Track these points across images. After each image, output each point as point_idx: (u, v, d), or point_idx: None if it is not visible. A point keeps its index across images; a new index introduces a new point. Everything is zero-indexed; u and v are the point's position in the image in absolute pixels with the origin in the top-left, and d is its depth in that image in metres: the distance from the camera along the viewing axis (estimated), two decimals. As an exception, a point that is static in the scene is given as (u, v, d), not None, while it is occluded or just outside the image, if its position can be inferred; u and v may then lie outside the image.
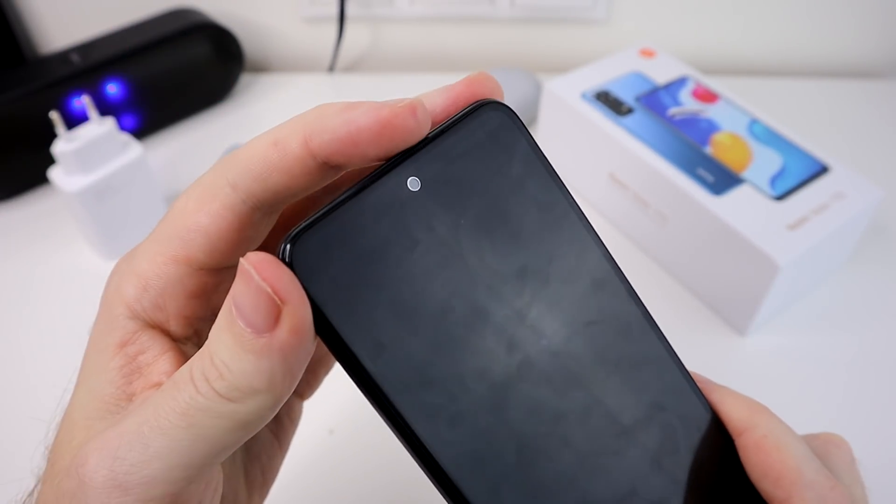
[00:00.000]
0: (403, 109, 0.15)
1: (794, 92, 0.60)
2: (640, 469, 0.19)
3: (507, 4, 0.59)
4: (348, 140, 0.15)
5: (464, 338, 0.16)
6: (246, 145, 0.17)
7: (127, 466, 0.14)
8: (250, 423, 0.15)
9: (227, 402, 0.14)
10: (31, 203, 0.49)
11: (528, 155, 0.18)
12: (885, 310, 0.43)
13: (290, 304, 0.14)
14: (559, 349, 0.18)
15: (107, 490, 0.14)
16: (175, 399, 0.15)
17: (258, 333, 0.14)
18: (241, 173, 0.16)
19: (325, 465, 0.35)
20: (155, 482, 0.14)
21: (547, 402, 0.17)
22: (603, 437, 0.18)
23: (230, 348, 0.14)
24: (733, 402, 0.20)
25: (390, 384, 0.15)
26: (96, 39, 0.51)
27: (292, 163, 0.16)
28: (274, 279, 0.14)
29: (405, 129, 0.15)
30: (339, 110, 0.16)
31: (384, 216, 0.15)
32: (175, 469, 0.14)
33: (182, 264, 0.17)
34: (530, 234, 0.17)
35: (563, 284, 0.18)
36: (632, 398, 0.19)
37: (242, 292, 0.14)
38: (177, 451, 0.14)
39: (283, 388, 0.15)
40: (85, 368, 0.18)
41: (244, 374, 0.14)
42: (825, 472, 0.18)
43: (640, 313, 0.19)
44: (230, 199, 0.16)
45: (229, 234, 0.17)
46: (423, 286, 0.16)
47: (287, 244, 0.15)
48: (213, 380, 0.14)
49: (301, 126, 0.16)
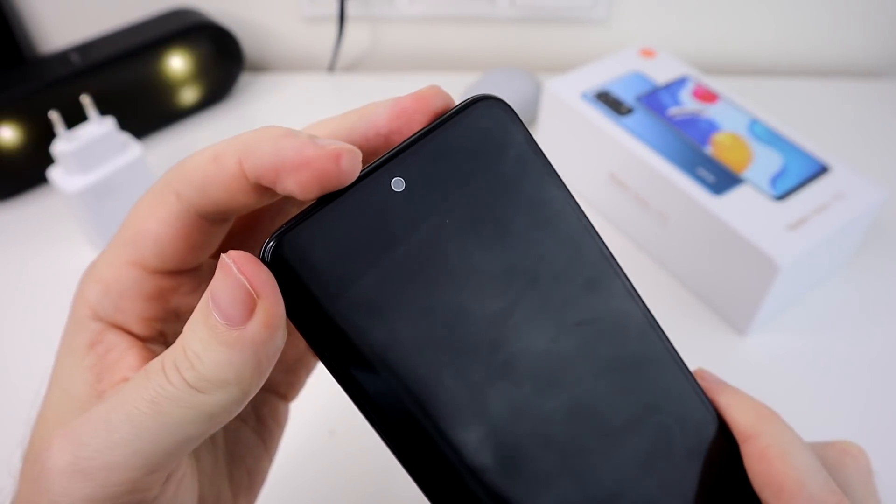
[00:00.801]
0: (328, 154, 0.15)
1: (794, 92, 0.60)
2: (631, 471, 0.18)
3: (507, 4, 0.59)
4: (272, 168, 0.15)
5: (445, 337, 0.16)
6: (192, 156, 0.17)
7: (90, 452, 0.15)
8: (216, 414, 0.15)
9: (195, 393, 0.15)
10: (31, 203, 0.49)
11: (524, 151, 0.17)
12: (886, 310, 0.43)
13: (264, 299, 0.14)
14: (548, 348, 0.17)
15: (67, 475, 0.15)
16: (145, 388, 0.15)
17: (232, 325, 0.14)
18: (184, 183, 0.17)
19: (325, 465, 0.35)
20: (117, 468, 0.15)
21: (534, 402, 0.17)
22: (594, 438, 0.18)
23: (203, 340, 0.15)
24: (741, 406, 0.19)
25: (369, 383, 0.15)
26: (96, 39, 0.51)
27: (229, 179, 0.16)
28: (251, 274, 0.14)
29: (325, 172, 0.15)
30: (275, 136, 0.16)
31: (367, 217, 0.16)
32: (138, 456, 0.15)
33: (137, 268, 0.18)
34: (524, 231, 0.17)
35: (557, 282, 0.17)
36: (627, 398, 0.18)
37: (220, 285, 0.15)
38: (141, 438, 0.15)
39: (251, 382, 0.15)
40: (57, 370, 0.18)
41: (215, 365, 0.15)
42: (831, 486, 0.18)
43: (640, 312, 0.19)
44: (175, 208, 0.17)
45: (177, 240, 0.17)
46: (404, 287, 0.16)
47: (270, 243, 0.15)
48: (184, 370, 0.15)
49: (240, 145, 0.16)
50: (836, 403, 0.38)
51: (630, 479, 0.18)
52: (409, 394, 0.16)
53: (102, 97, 0.47)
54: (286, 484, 0.34)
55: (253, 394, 0.15)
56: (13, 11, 0.58)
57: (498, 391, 0.17)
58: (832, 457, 0.19)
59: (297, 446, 0.36)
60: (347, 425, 0.37)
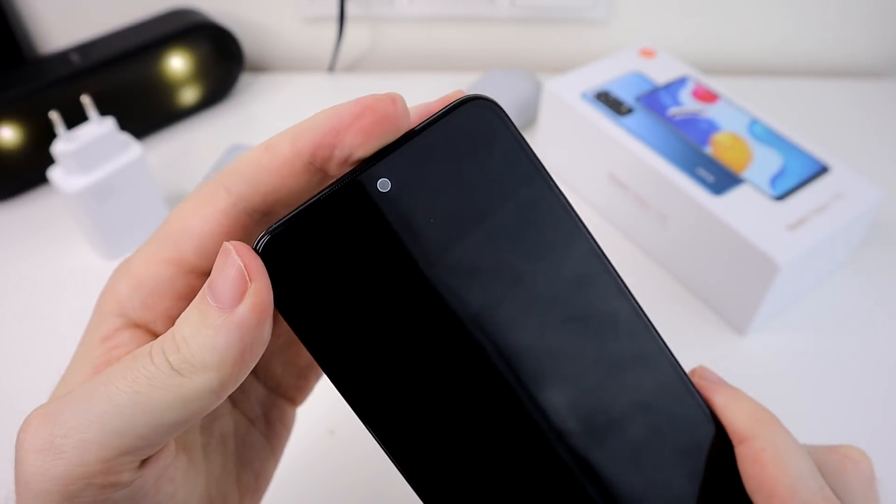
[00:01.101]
0: (383, 97, 0.16)
1: (794, 92, 0.60)
2: (618, 470, 0.18)
3: (506, 4, 0.59)
4: (332, 130, 0.16)
5: (431, 334, 0.17)
6: (245, 153, 0.18)
7: (65, 430, 0.15)
8: (192, 400, 0.15)
9: (174, 375, 0.15)
10: (31, 203, 0.49)
11: (513, 151, 0.17)
12: (885, 310, 0.43)
13: (255, 282, 0.15)
14: (536, 345, 0.17)
15: (41, 454, 0.15)
16: (128, 369, 0.16)
17: (222, 308, 0.15)
18: (234, 177, 0.17)
19: (325, 465, 0.35)
20: (90, 446, 0.15)
21: (519, 401, 0.17)
22: (578, 437, 0.18)
23: (192, 323, 0.15)
24: (738, 407, 0.19)
25: (355, 377, 0.16)
26: (96, 39, 0.51)
27: (281, 164, 0.17)
28: (247, 259, 0.15)
29: (384, 113, 0.16)
30: (328, 109, 0.17)
31: (352, 216, 0.16)
32: (112, 435, 0.15)
33: (173, 265, 0.18)
34: (512, 231, 0.17)
35: (545, 279, 0.18)
36: (616, 397, 0.18)
37: (219, 267, 0.15)
38: (117, 417, 0.15)
39: (231, 371, 0.15)
40: (71, 361, 0.19)
41: (200, 347, 0.15)
42: (825, 493, 0.18)
43: (631, 309, 0.19)
44: (223, 203, 0.17)
45: (220, 236, 0.18)
46: (389, 284, 0.16)
47: (264, 237, 0.16)
48: (169, 353, 0.15)
49: (292, 130, 0.17)
50: (836, 403, 0.38)
51: (617, 478, 0.18)
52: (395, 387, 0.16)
53: (102, 97, 0.47)
54: (286, 484, 0.34)
55: (231, 388, 0.16)
56: (13, 11, 0.58)
57: (484, 389, 0.17)
58: (833, 462, 0.19)
59: (297, 446, 0.36)
60: (347, 425, 0.37)
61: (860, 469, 0.19)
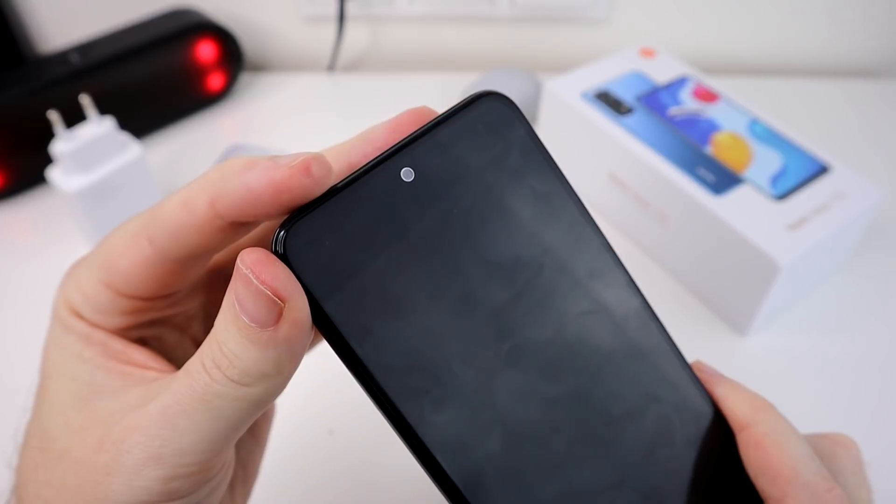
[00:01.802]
0: (297, 169, 0.15)
1: (794, 92, 0.60)
2: (631, 459, 0.19)
3: (507, 4, 0.59)
4: (248, 202, 0.16)
5: (453, 325, 0.16)
6: (163, 201, 0.17)
7: (160, 441, 0.16)
8: (263, 401, 0.16)
9: (239, 387, 0.15)
10: (30, 203, 0.49)
11: (527, 145, 0.18)
12: (886, 310, 0.43)
13: (290, 301, 0.15)
14: (553, 337, 0.18)
15: (143, 459, 0.16)
16: (192, 387, 0.16)
17: (263, 327, 0.15)
18: (157, 230, 0.17)
19: (325, 465, 0.35)
20: (185, 453, 0.16)
21: (538, 390, 0.17)
22: (594, 426, 0.18)
23: (237, 339, 0.15)
24: (737, 397, 0.20)
25: (379, 368, 0.16)
26: (96, 39, 0.51)
27: (202, 223, 0.16)
28: (272, 279, 0.14)
29: (301, 187, 0.15)
30: (237, 172, 0.16)
31: (376, 206, 0.16)
32: (201, 443, 0.16)
33: (111, 290, 0.18)
34: (527, 224, 0.18)
35: (561, 272, 0.18)
36: (626, 388, 0.19)
37: (243, 294, 0.15)
38: (201, 429, 0.16)
39: (290, 371, 0.16)
40: (53, 362, 0.19)
41: (254, 362, 0.15)
42: (824, 473, 0.18)
43: (639, 303, 0.19)
44: (147, 253, 0.18)
45: (150, 280, 0.18)
46: (412, 275, 0.16)
47: (281, 232, 0.15)
48: (225, 368, 0.15)
49: (207, 186, 0.16)
50: (836, 403, 0.38)
51: (632, 467, 0.19)
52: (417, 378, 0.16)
53: (102, 97, 0.47)
54: (286, 484, 0.34)
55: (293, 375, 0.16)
56: (13, 11, 0.58)
57: (503, 378, 0.17)
58: (825, 447, 0.20)
59: (297, 446, 0.36)
60: (347, 425, 0.37)
61: (851, 453, 0.20)
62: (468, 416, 0.17)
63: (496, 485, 0.17)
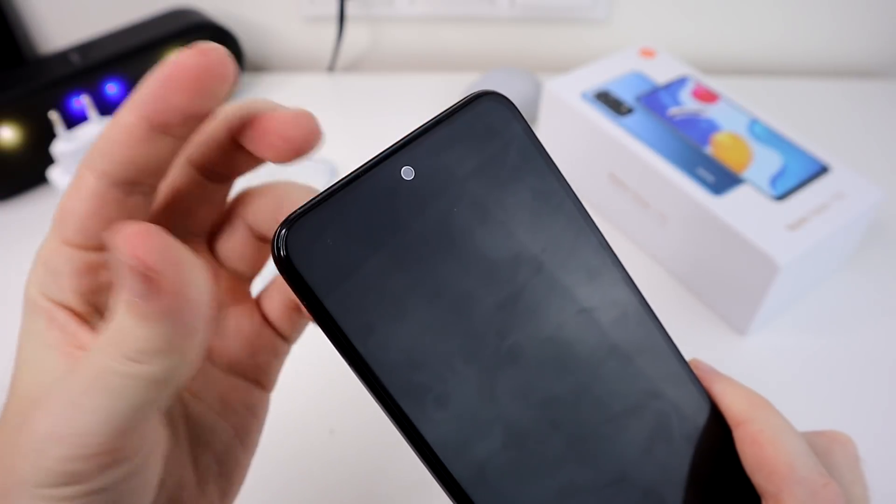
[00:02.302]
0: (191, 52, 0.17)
1: (794, 92, 0.60)
2: (631, 455, 0.19)
3: (507, 4, 0.59)
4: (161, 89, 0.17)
5: (453, 322, 0.17)
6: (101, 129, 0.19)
7: (63, 420, 0.16)
8: (165, 381, 0.16)
9: (134, 364, 0.15)
10: (31, 203, 0.49)
11: (525, 145, 0.18)
12: (886, 310, 0.43)
13: (163, 272, 0.15)
14: (552, 335, 0.18)
15: (45, 438, 0.16)
16: (91, 366, 0.16)
17: (146, 300, 0.15)
18: (94, 156, 0.18)
19: (325, 465, 0.35)
20: (86, 433, 0.16)
21: (538, 387, 0.18)
22: (594, 423, 0.18)
23: (123, 314, 0.15)
24: (734, 393, 0.20)
25: (380, 366, 0.16)
26: (96, 39, 0.51)
27: (128, 134, 0.17)
28: (142, 253, 0.15)
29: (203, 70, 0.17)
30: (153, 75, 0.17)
31: (377, 204, 0.16)
32: (101, 424, 0.16)
33: (67, 245, 0.19)
34: (526, 223, 0.18)
35: (560, 270, 0.18)
36: (625, 385, 0.19)
37: (119, 267, 0.15)
38: (101, 408, 0.16)
39: (187, 347, 0.16)
40: (23, 350, 0.19)
41: (144, 338, 0.15)
42: (820, 469, 0.18)
43: (636, 302, 0.19)
44: (91, 182, 0.18)
45: (95, 215, 0.18)
46: (413, 273, 0.16)
47: (282, 229, 0.15)
48: (119, 344, 0.15)
49: (132, 101, 0.18)
50: (836, 403, 0.38)
51: (631, 463, 0.19)
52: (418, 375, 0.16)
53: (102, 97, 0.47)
54: (286, 483, 0.34)
55: (197, 355, 0.16)
56: (13, 11, 0.58)
57: (504, 376, 0.17)
58: (821, 444, 0.20)
59: (297, 446, 0.36)
60: (347, 425, 0.37)
61: (847, 450, 0.20)
62: (470, 413, 0.17)
63: (498, 481, 0.17)
